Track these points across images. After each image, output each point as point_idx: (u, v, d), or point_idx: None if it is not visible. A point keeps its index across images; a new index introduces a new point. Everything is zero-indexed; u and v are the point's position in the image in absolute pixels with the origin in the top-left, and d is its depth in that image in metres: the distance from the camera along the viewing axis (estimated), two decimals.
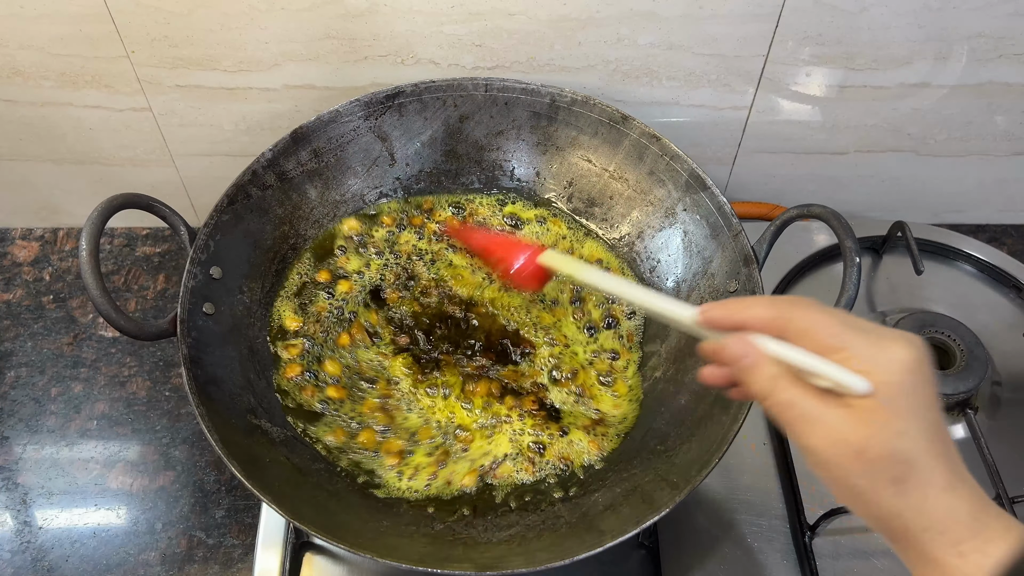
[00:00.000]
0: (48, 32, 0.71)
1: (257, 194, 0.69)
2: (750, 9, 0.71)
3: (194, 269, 0.63)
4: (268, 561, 0.66)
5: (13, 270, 0.88)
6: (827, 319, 0.40)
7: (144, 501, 0.73)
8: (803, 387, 0.39)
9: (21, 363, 0.82)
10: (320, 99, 0.78)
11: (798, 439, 0.39)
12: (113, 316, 0.57)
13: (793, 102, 0.80)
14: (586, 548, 0.53)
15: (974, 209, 0.92)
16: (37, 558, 0.70)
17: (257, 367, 0.66)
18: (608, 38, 0.73)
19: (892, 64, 0.76)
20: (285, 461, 0.61)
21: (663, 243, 0.73)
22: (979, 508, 0.38)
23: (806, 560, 0.66)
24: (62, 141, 0.82)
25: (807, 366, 0.39)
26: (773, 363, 0.40)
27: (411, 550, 0.57)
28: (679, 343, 0.69)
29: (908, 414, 0.37)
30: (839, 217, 0.60)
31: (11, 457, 0.76)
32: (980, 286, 0.84)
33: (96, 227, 0.57)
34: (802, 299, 0.41)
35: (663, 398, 0.67)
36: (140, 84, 0.76)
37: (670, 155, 0.71)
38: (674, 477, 0.58)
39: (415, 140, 0.76)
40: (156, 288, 0.87)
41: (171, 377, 0.81)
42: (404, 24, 0.72)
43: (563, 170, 0.77)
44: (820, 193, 0.90)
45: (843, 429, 0.38)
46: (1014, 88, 0.78)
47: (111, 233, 0.91)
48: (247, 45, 0.73)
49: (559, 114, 0.75)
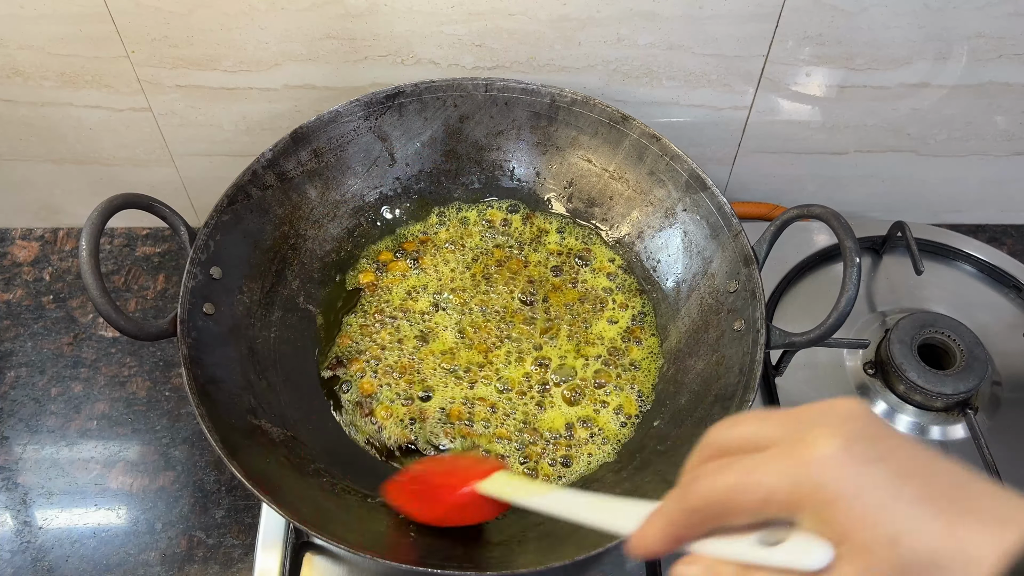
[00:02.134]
0: (48, 32, 0.71)
1: (257, 194, 0.69)
2: (750, 9, 0.71)
3: (194, 269, 0.63)
4: (268, 561, 0.66)
5: (13, 270, 0.88)
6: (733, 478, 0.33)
7: (144, 501, 0.73)
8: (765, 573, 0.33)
9: (21, 363, 0.82)
10: (320, 99, 0.78)
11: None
12: (113, 316, 0.57)
13: (793, 102, 0.80)
14: (586, 548, 0.53)
15: (974, 209, 0.92)
16: (37, 558, 0.70)
17: (257, 367, 0.66)
18: (608, 38, 0.73)
19: (892, 64, 0.76)
20: (285, 461, 0.61)
21: (663, 243, 0.73)
22: (970, 519, 0.30)
23: None
24: (62, 141, 0.82)
25: (749, 559, 0.33)
26: (723, 566, 0.34)
27: (411, 550, 0.57)
28: (679, 343, 0.69)
29: (890, 501, 0.30)
30: (839, 217, 0.60)
31: (11, 457, 0.76)
32: (980, 286, 0.84)
33: (96, 227, 0.57)
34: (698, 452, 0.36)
35: (663, 398, 0.67)
36: (140, 84, 0.76)
37: (670, 155, 0.71)
38: (674, 477, 0.58)
39: (415, 140, 0.76)
40: (156, 288, 0.87)
41: (171, 377, 0.81)
42: (404, 24, 0.72)
43: (563, 170, 0.77)
44: (820, 193, 0.90)
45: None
46: (1014, 88, 0.78)
47: (111, 233, 0.91)
48: (247, 45, 0.73)
49: (559, 114, 0.75)
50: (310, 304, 0.72)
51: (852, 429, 0.31)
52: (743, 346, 0.62)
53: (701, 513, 0.34)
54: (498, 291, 0.74)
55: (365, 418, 0.67)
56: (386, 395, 0.68)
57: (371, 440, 0.67)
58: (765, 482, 0.32)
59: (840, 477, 0.30)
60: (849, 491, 0.30)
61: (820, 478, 0.31)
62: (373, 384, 0.69)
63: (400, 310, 0.73)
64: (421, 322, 0.72)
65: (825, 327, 0.60)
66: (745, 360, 0.61)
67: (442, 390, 0.68)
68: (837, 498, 0.30)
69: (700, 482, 0.34)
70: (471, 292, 0.74)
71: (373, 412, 0.68)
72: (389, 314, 0.72)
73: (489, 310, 0.73)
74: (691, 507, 0.34)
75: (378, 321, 0.72)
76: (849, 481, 0.30)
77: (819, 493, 0.31)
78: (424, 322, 0.72)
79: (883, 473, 0.30)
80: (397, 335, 0.71)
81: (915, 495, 0.30)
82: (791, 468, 0.31)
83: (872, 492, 0.30)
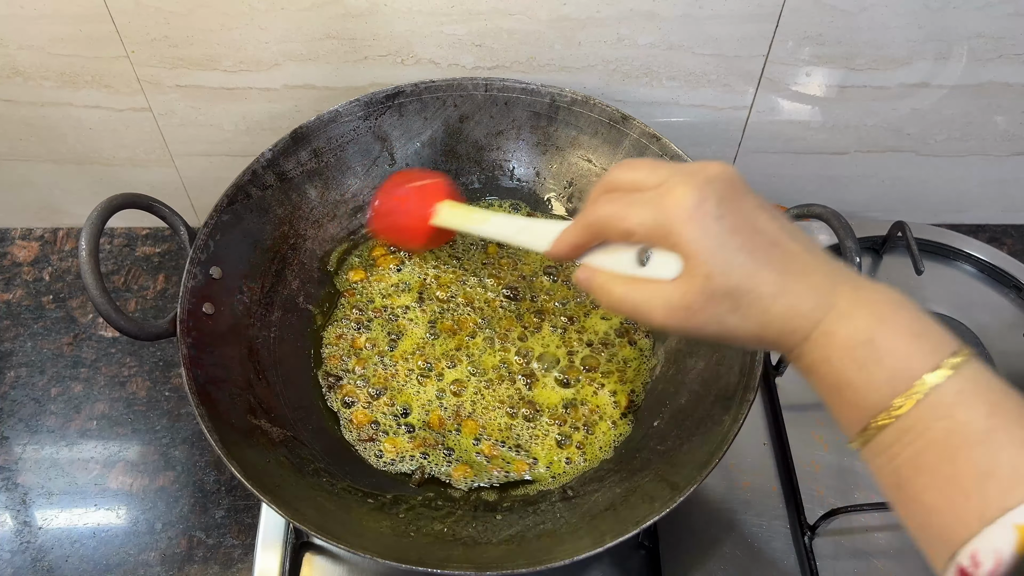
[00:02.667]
0: (48, 32, 0.71)
1: (257, 194, 0.69)
2: (750, 9, 0.71)
3: (194, 269, 0.63)
4: (268, 561, 0.66)
5: (13, 270, 0.88)
6: (616, 208, 0.45)
7: (144, 501, 0.73)
8: (632, 282, 0.46)
9: (21, 363, 0.82)
10: (320, 99, 0.78)
11: (646, 323, 0.46)
12: (113, 316, 0.57)
13: (793, 102, 0.80)
14: (586, 548, 0.53)
15: (974, 209, 0.92)
16: (37, 558, 0.70)
17: (257, 367, 0.66)
18: (608, 38, 0.73)
19: (892, 64, 0.76)
20: (285, 461, 0.61)
21: None
22: (825, 291, 0.42)
23: (806, 560, 0.66)
24: (62, 141, 0.82)
25: (622, 270, 0.47)
26: (600, 274, 0.48)
27: (411, 550, 0.57)
28: (679, 343, 0.69)
29: (717, 248, 0.41)
30: (839, 217, 0.60)
31: (11, 457, 0.76)
32: (980, 286, 0.84)
33: (96, 227, 0.57)
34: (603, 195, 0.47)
35: (663, 398, 0.67)
36: (140, 84, 0.76)
37: (670, 155, 0.71)
38: (674, 477, 0.58)
39: (415, 140, 0.76)
40: (156, 288, 0.87)
41: (171, 377, 0.81)
42: (404, 24, 0.72)
43: (563, 170, 0.77)
44: (820, 193, 0.90)
45: (669, 299, 0.43)
46: (1014, 88, 0.78)
47: (111, 233, 0.91)
48: (247, 45, 0.73)
49: (559, 114, 0.75)
50: (310, 304, 0.72)
51: (710, 188, 0.42)
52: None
53: (591, 230, 0.48)
54: (484, 284, 0.74)
55: (367, 443, 0.66)
56: (387, 424, 0.67)
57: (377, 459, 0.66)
58: (631, 217, 0.44)
59: (685, 224, 0.41)
60: (689, 235, 0.41)
61: (670, 223, 0.42)
62: (367, 415, 0.67)
63: (376, 310, 0.72)
64: (400, 316, 0.71)
65: None
66: (745, 360, 0.61)
67: (416, 397, 0.68)
68: (680, 240, 0.42)
69: (592, 207, 0.47)
70: (456, 286, 0.73)
71: (375, 438, 0.66)
72: (367, 315, 0.72)
73: (472, 304, 0.72)
74: (585, 224, 0.48)
75: (354, 327, 0.71)
76: (691, 228, 0.41)
77: (669, 235, 0.42)
78: (401, 317, 0.71)
79: (717, 226, 0.41)
80: (373, 339, 0.71)
81: (736, 245, 0.41)
82: (652, 211, 0.43)
83: (703, 239, 0.41)
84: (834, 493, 0.70)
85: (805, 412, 0.74)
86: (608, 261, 0.48)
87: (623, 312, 0.47)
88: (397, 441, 0.66)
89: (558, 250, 0.51)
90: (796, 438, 0.72)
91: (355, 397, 0.68)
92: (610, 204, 0.46)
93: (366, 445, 0.66)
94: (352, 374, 0.69)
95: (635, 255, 0.47)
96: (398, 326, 0.71)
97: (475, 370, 0.69)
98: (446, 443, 0.65)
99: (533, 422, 0.66)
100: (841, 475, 0.71)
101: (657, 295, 0.44)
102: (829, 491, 0.70)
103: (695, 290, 0.42)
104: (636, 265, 0.47)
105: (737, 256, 0.41)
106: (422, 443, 0.65)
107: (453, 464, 0.65)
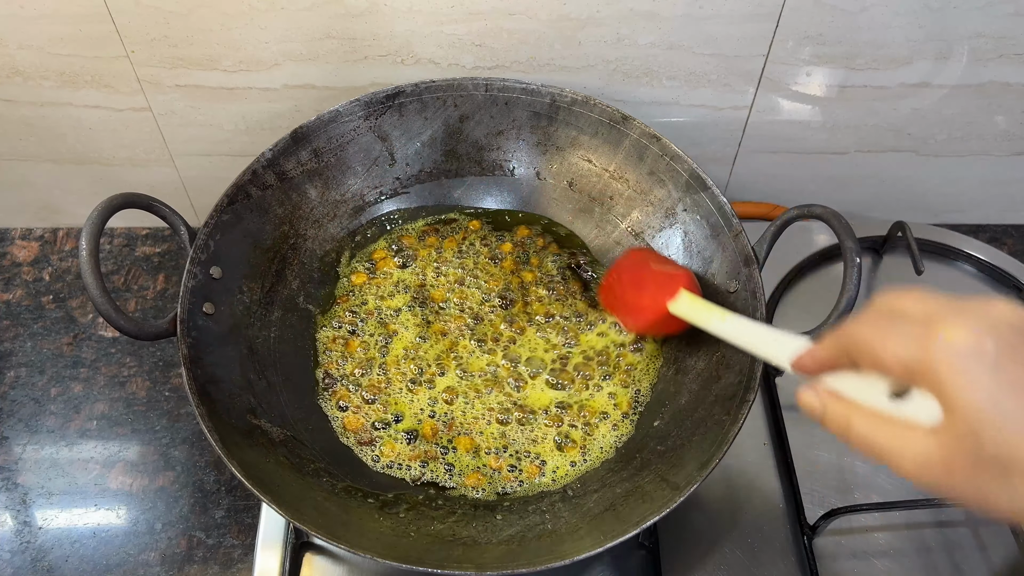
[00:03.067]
0: (48, 32, 0.71)
1: (257, 194, 0.69)
2: (750, 9, 0.71)
3: (194, 269, 0.63)
4: (268, 561, 0.66)
5: (13, 270, 0.88)
6: (875, 333, 0.39)
7: (144, 501, 0.73)
8: (877, 420, 0.39)
9: (21, 363, 0.81)
10: (320, 99, 0.78)
11: (891, 468, 0.39)
12: (113, 316, 0.57)
13: (793, 102, 0.80)
14: (586, 548, 0.53)
15: (974, 209, 0.92)
16: (37, 558, 0.70)
17: (257, 367, 0.66)
18: (608, 38, 0.73)
19: (892, 64, 0.76)
20: (285, 461, 0.61)
21: (663, 243, 0.73)
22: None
23: (806, 560, 0.66)
24: (62, 141, 0.82)
25: (868, 401, 0.40)
26: (841, 403, 0.41)
27: (411, 550, 0.57)
28: (679, 343, 0.69)
29: (989, 406, 0.34)
30: (839, 217, 0.60)
31: (11, 457, 0.76)
32: (980, 286, 0.84)
33: (96, 227, 0.57)
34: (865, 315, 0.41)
35: (663, 398, 0.67)
36: (140, 84, 0.76)
37: (670, 155, 0.71)
38: (674, 477, 0.58)
39: (415, 140, 0.76)
40: (156, 288, 0.87)
41: (171, 377, 0.81)
42: (404, 24, 0.72)
43: (563, 170, 0.77)
44: (820, 193, 0.90)
45: (925, 452, 0.37)
46: (1014, 88, 0.78)
47: (111, 233, 0.91)
48: (247, 45, 0.73)
49: (559, 114, 0.75)
50: (310, 304, 0.72)
51: (990, 333, 0.35)
52: None
53: (843, 350, 0.41)
54: (480, 287, 0.73)
55: (365, 446, 0.66)
56: (380, 433, 0.67)
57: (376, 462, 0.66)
58: (889, 347, 0.37)
59: (951, 370, 0.35)
60: (954, 384, 0.34)
61: (933, 365, 0.35)
62: (360, 420, 0.67)
63: (368, 311, 0.72)
64: (390, 320, 0.71)
65: (826, 327, 0.60)
66: (745, 360, 0.61)
67: (409, 406, 0.68)
68: (943, 388, 0.35)
69: (852, 326, 0.41)
70: (452, 288, 0.73)
71: (372, 443, 0.66)
72: (361, 317, 0.72)
73: (464, 308, 0.72)
74: (838, 343, 0.42)
75: (348, 330, 0.71)
76: (958, 377, 0.34)
77: (929, 378, 0.36)
78: (392, 321, 0.71)
79: (992, 381, 0.34)
80: (365, 342, 0.70)
81: (1015, 406, 0.34)
82: (915, 346, 0.36)
83: (972, 392, 0.34)
84: (834, 493, 0.70)
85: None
86: (854, 387, 0.41)
87: (861, 450, 0.40)
88: (395, 446, 0.66)
89: (803, 365, 0.45)
90: (796, 438, 0.72)
91: (348, 402, 0.68)
92: (869, 327, 0.39)
93: (363, 448, 0.66)
94: (346, 379, 0.69)
95: (888, 385, 0.40)
96: (389, 329, 0.71)
97: (464, 374, 0.69)
98: (446, 459, 0.65)
99: (526, 425, 0.66)
100: (841, 475, 0.71)
101: (911, 443, 0.37)
102: (829, 491, 0.70)
103: (960, 449, 0.35)
104: (887, 398, 0.40)
105: (1014, 419, 0.34)
106: (422, 454, 0.65)
107: (464, 474, 0.65)
